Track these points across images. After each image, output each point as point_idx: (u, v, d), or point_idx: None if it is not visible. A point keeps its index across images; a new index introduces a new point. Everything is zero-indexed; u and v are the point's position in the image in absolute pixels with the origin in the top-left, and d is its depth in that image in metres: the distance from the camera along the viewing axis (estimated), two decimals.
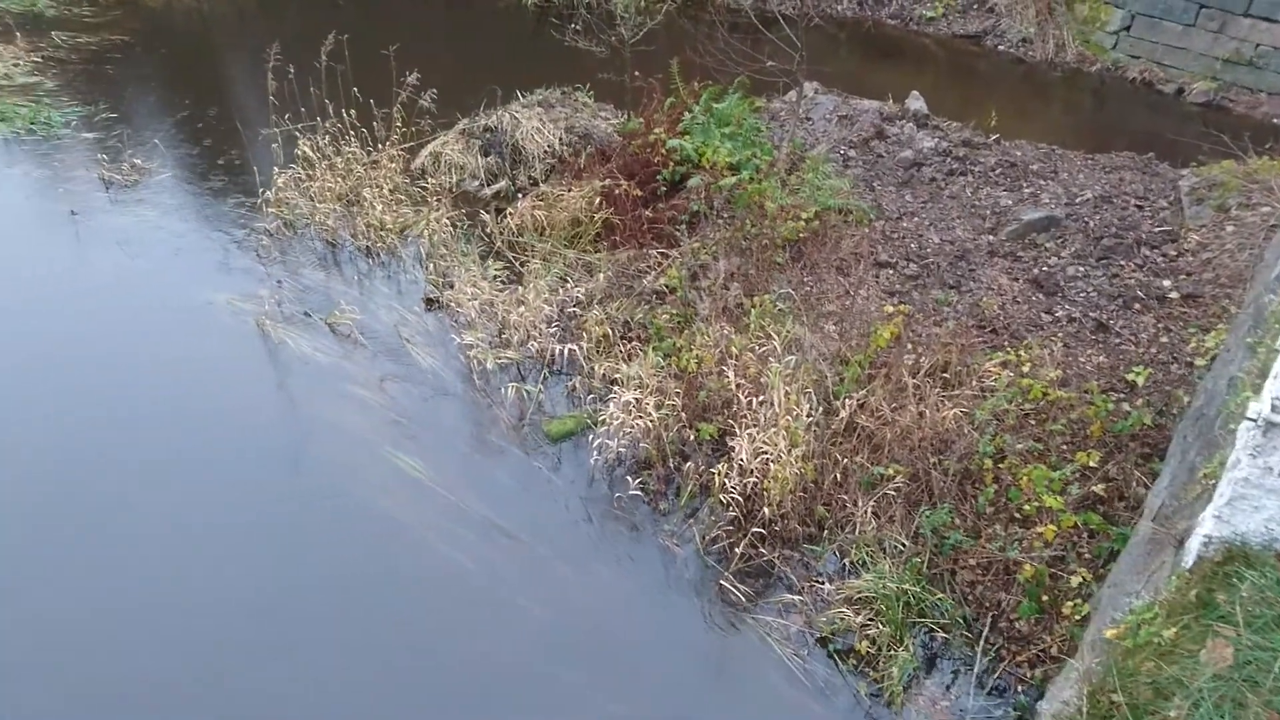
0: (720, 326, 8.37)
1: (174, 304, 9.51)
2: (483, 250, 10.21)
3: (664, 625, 6.84)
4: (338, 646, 6.58)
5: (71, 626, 6.50)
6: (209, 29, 16.05)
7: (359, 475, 7.74)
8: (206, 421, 8.22)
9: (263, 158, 11.36)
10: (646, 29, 12.16)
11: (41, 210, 10.82)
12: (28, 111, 12.59)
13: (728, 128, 10.84)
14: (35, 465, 7.67)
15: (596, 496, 7.74)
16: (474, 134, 11.64)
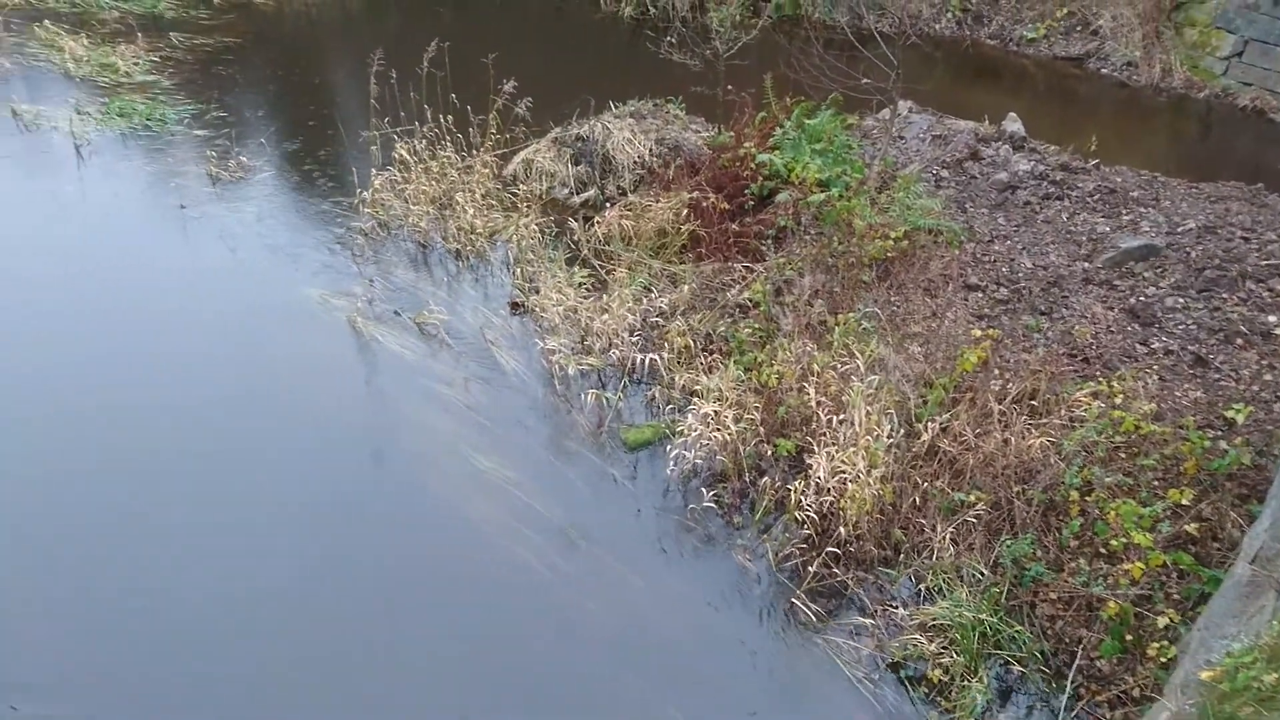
0: (803, 343, 8.33)
1: (270, 297, 9.85)
2: (569, 257, 10.34)
3: (732, 640, 6.81)
4: (403, 639, 6.69)
5: (165, 604, 6.77)
6: (316, 33, 16.60)
7: (438, 472, 7.89)
8: (295, 410, 8.49)
9: (361, 159, 11.70)
10: (741, 43, 12.22)
11: (154, 203, 11.32)
12: (144, 108, 13.19)
13: (819, 144, 10.80)
14: (133, 444, 8.00)
15: (671, 507, 7.76)
16: (566, 142, 11.80)
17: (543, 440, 8.39)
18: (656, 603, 7.05)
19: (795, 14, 16.74)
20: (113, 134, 12.68)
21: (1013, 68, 15.83)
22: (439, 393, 8.77)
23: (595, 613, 6.89)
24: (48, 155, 12.16)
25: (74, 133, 12.51)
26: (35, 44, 14.85)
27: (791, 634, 6.81)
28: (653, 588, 7.14)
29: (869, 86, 10.49)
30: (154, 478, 7.74)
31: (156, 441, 8.04)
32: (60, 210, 11.13)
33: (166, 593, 6.80)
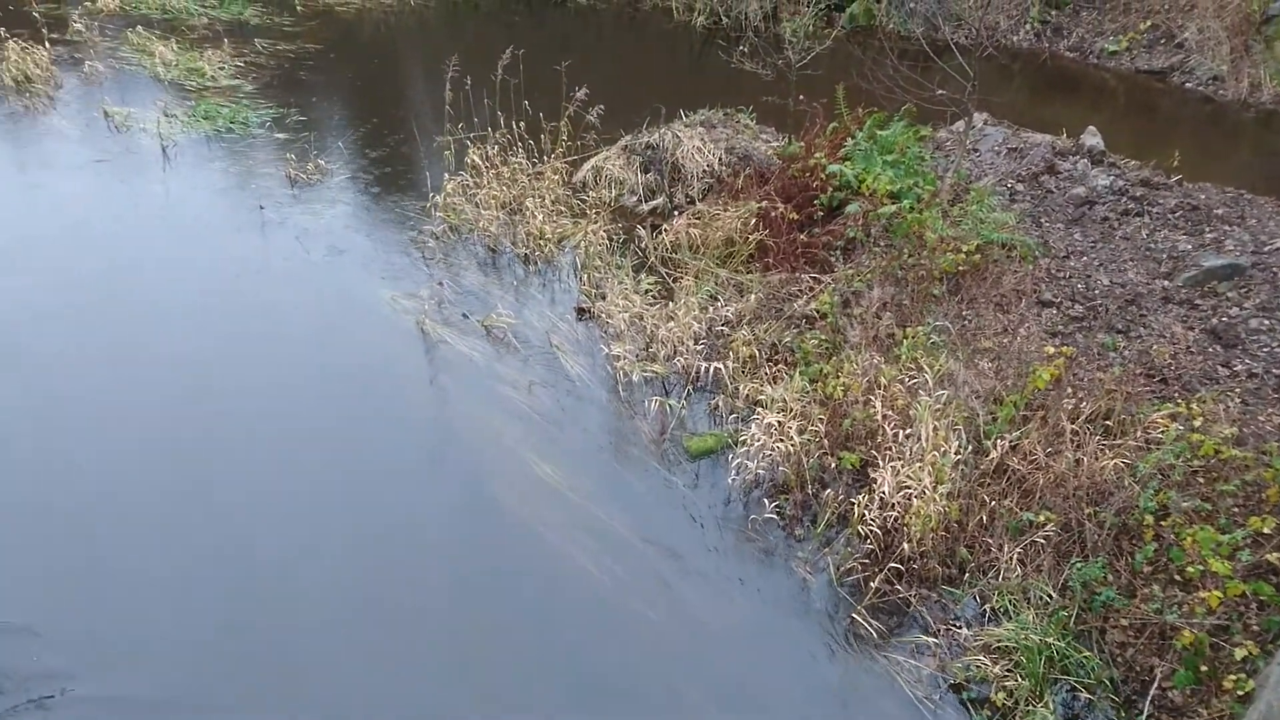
0: (870, 355, 8.24)
1: (342, 297, 10.06)
2: (636, 264, 10.38)
3: (791, 653, 6.74)
4: (459, 638, 6.75)
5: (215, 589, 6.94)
6: (394, 40, 16.94)
7: (500, 474, 7.96)
8: (363, 407, 8.65)
9: (435, 164, 11.90)
10: (813, 54, 12.17)
11: (235, 203, 11.65)
12: (228, 111, 13.59)
13: (890, 155, 10.69)
14: (203, 433, 8.22)
15: (732, 517, 7.73)
16: (636, 150, 11.86)
17: (605, 446, 8.42)
18: (715, 613, 7.01)
19: (869, 24, 16.60)
20: (197, 136, 13.09)
21: (1092, 81, 15.49)
22: (504, 395, 8.86)
23: (653, 620, 6.88)
24: (136, 156, 12.59)
25: (161, 134, 12.95)
26: (127, 48, 15.41)
27: (851, 650, 6.73)
28: (711, 598, 7.10)
29: (943, 98, 10.36)
30: (224, 465, 7.93)
31: (227, 432, 8.26)
32: (147, 208, 11.52)
33: (227, 579, 6.96)
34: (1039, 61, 15.90)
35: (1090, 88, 15.32)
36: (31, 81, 14.17)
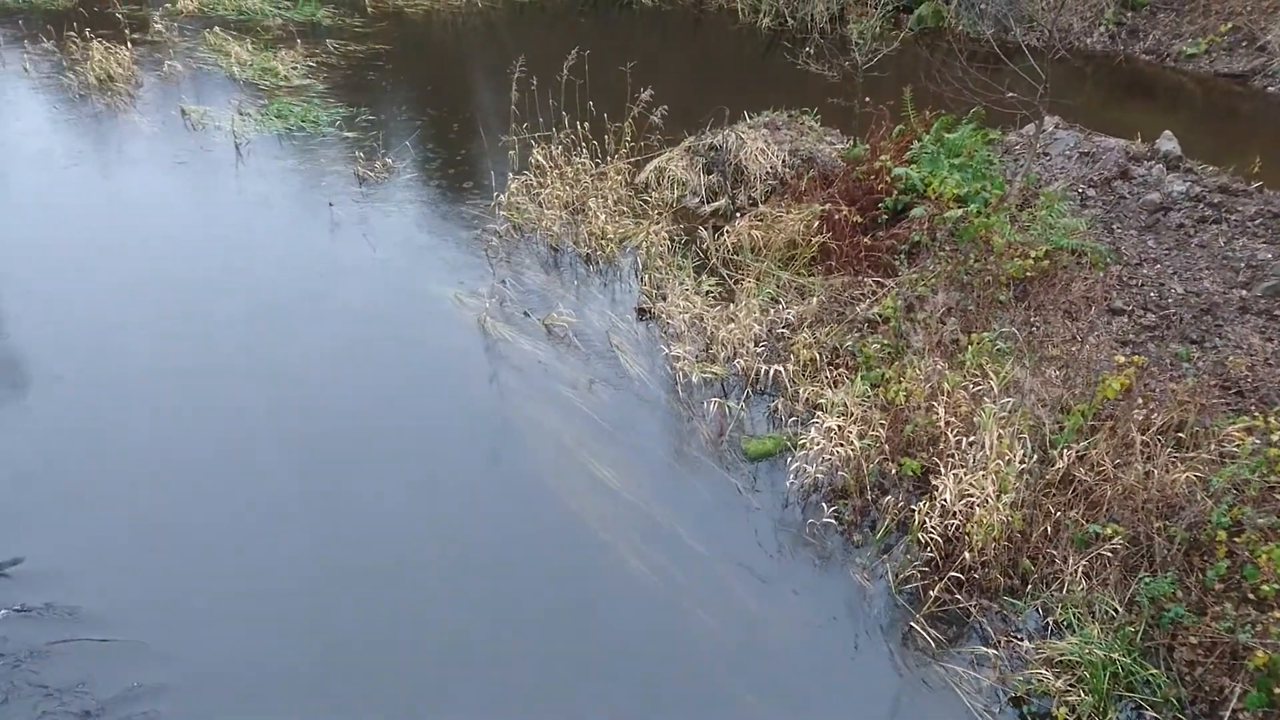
0: (933, 361, 8.13)
1: (406, 293, 10.22)
2: (697, 265, 10.37)
3: (847, 659, 6.68)
4: (512, 632, 6.79)
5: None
6: (461, 41, 17.16)
7: (557, 472, 8.02)
8: (424, 401, 8.79)
9: (499, 163, 12.03)
10: (880, 55, 12.04)
11: (306, 199, 11.91)
12: (300, 110, 13.89)
13: (958, 159, 10.54)
14: (270, 420, 8.42)
15: (789, 520, 7.68)
16: (699, 152, 11.85)
17: (663, 446, 8.42)
18: (770, 616, 6.97)
19: (938, 26, 16.38)
20: (270, 134, 13.39)
21: (1169, 84, 15.10)
22: (563, 393, 8.91)
23: (707, 622, 6.86)
24: (210, 153, 12.93)
25: (235, 132, 13.28)
26: (205, 48, 15.83)
27: (909, 658, 6.64)
28: (767, 601, 7.06)
29: (1014, 101, 10.17)
30: (288, 453, 8.12)
31: (289, 423, 8.45)
32: (222, 204, 11.84)
33: (279, 559, 7.13)
34: (1113, 64, 15.55)
35: (1167, 91, 14.93)
36: (114, 80, 14.63)
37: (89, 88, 14.53)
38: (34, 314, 9.71)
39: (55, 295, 10.03)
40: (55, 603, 6.73)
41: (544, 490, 7.88)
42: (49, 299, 9.96)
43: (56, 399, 8.65)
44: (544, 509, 7.73)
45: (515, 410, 8.77)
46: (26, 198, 11.91)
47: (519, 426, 8.58)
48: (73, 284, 10.21)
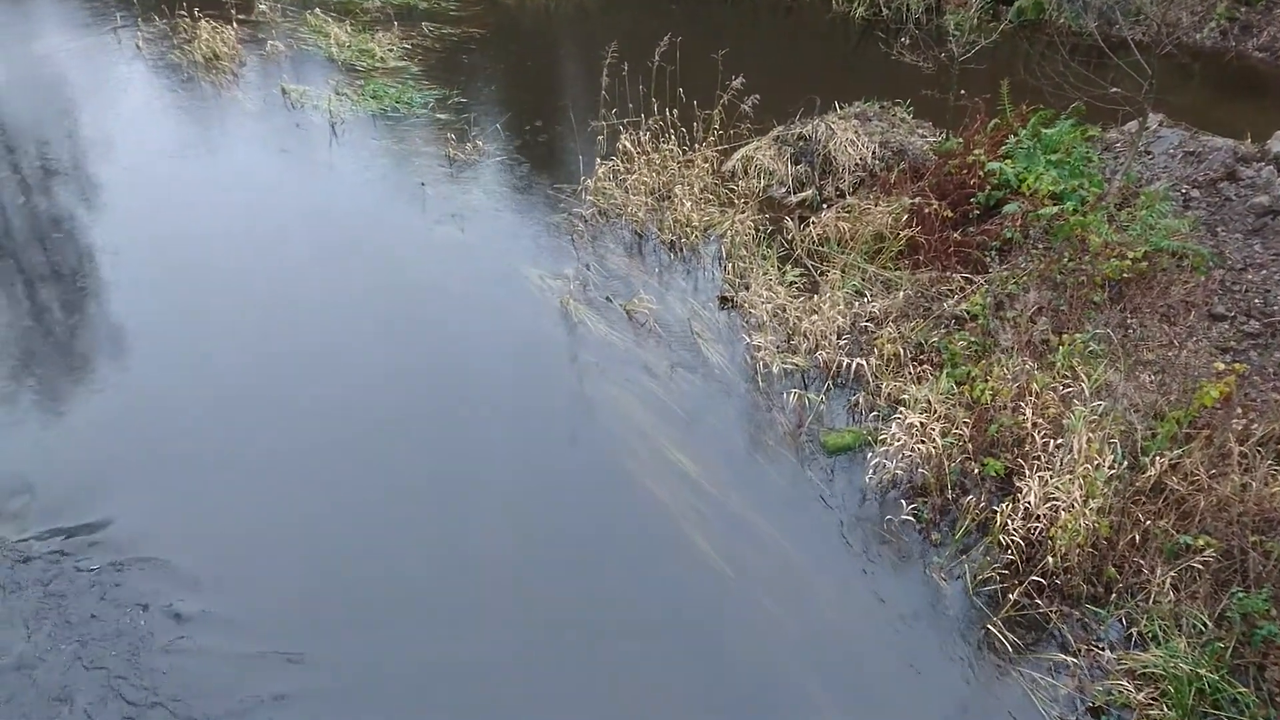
0: (1022, 360, 7.96)
1: (492, 273, 10.37)
2: (782, 256, 10.30)
3: (920, 659, 6.60)
4: (579, 611, 6.88)
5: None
6: (554, 27, 17.28)
7: (633, 454, 8.08)
8: (506, 378, 8.94)
9: (587, 148, 12.11)
10: (978, 47, 11.75)
11: (398, 179, 12.17)
12: (395, 92, 14.17)
13: (1055, 155, 10.27)
14: (357, 394, 8.65)
15: (866, 516, 7.61)
16: (787, 141, 11.76)
17: (740, 435, 8.42)
18: (842, 612, 6.93)
19: (1038, 18, 15.93)
20: (365, 114, 13.69)
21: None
22: (641, 379, 8.95)
23: (776, 613, 6.85)
24: (307, 132, 13.28)
25: (331, 111, 13.60)
26: (306, 29, 16.24)
27: (984, 661, 6.54)
28: (840, 596, 7.02)
29: (1116, 97, 9.86)
30: (377, 424, 8.35)
31: (379, 392, 8.70)
32: (318, 181, 12.17)
33: (368, 534, 7.33)
34: (1223, 61, 14.94)
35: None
36: (219, 59, 15.12)
37: (196, 66, 15.04)
38: (137, 281, 10.15)
39: (154, 264, 10.45)
40: (142, 560, 7.03)
41: (620, 471, 7.95)
42: (149, 267, 10.39)
43: (157, 365, 9.03)
44: (620, 490, 7.81)
45: (595, 392, 8.85)
46: (135, 172, 12.40)
47: (598, 408, 8.66)
48: (172, 254, 10.62)
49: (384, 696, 6.24)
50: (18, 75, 15.07)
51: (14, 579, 6.89)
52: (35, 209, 11.63)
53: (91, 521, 7.32)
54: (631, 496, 7.75)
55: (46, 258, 10.69)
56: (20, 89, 14.66)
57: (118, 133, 13.27)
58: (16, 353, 9.23)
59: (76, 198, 11.79)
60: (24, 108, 14.11)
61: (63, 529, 7.28)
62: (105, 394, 8.75)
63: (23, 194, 11.93)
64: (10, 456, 7.93)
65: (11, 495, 7.57)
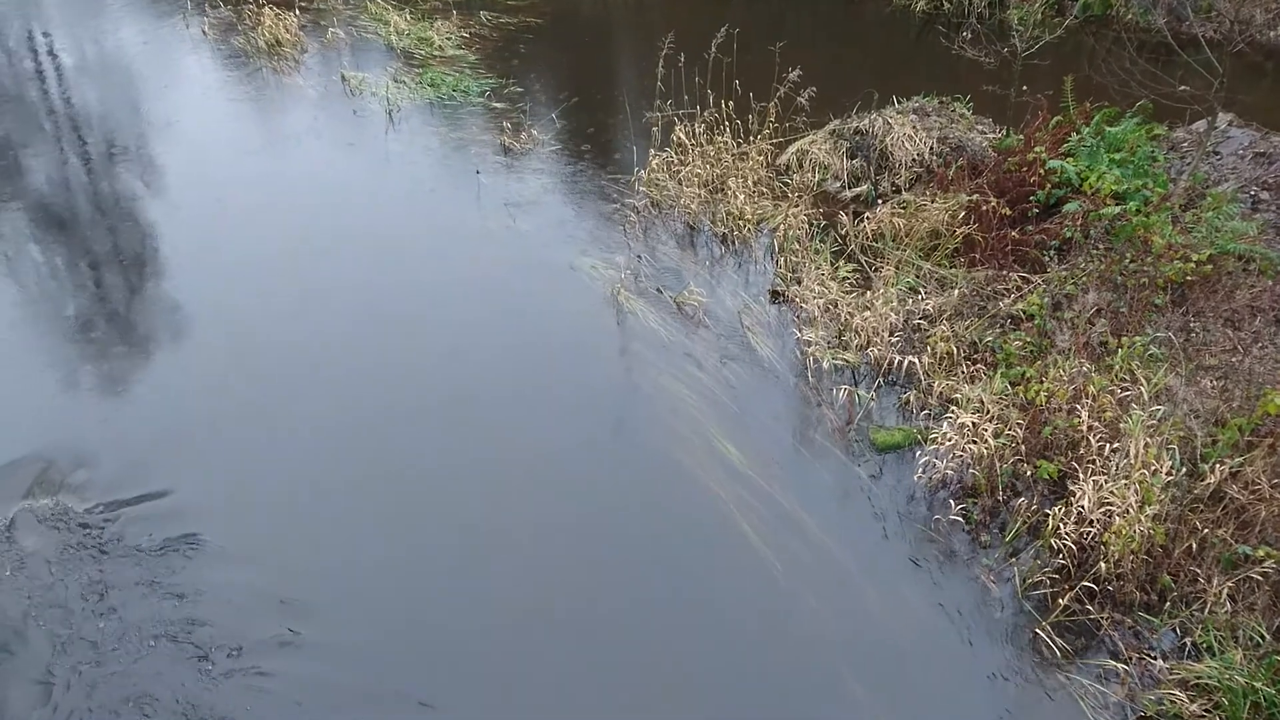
0: (1079, 362, 7.82)
1: (544, 262, 10.43)
2: (835, 251, 10.21)
3: (966, 660, 6.54)
4: (622, 599, 6.92)
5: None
6: (611, 17, 17.27)
7: (682, 444, 8.09)
8: (556, 365, 9.02)
9: (641, 139, 12.10)
10: (1041, 43, 11.55)
11: (453, 166, 12.28)
12: (452, 80, 14.28)
13: (1118, 154, 10.05)
14: (411, 374, 8.77)
15: (914, 515, 7.54)
16: (843, 135, 11.65)
17: (789, 429, 8.38)
18: (887, 610, 6.87)
19: (1104, 14, 15.58)
20: (421, 102, 13.81)
21: None
22: (690, 370, 8.95)
23: (819, 608, 6.82)
24: (365, 118, 13.44)
25: (389, 99, 13.75)
26: (366, 17, 16.42)
27: (1032, 666, 6.46)
28: (885, 594, 6.97)
29: (1184, 95, 9.61)
30: (425, 406, 8.46)
31: (431, 375, 8.83)
32: (375, 167, 12.33)
33: (414, 513, 7.42)
34: None
35: None
36: (281, 45, 15.35)
37: (259, 52, 15.29)
38: (197, 261, 10.38)
39: (214, 245, 10.69)
40: (196, 533, 7.20)
41: (667, 457, 7.98)
42: (209, 248, 10.63)
43: (213, 343, 9.23)
44: (667, 475, 7.83)
45: (644, 381, 8.86)
46: (197, 155, 12.66)
47: (647, 397, 8.68)
48: (232, 235, 10.84)
49: (434, 683, 6.32)
50: (90, 61, 15.45)
51: (76, 547, 7.10)
52: (100, 190, 11.93)
53: (149, 494, 7.51)
54: (680, 485, 7.77)
55: (109, 237, 10.97)
56: (91, 74, 15.05)
57: (182, 117, 13.55)
58: (79, 328, 9.48)
59: (139, 180, 12.07)
60: (94, 93, 14.48)
61: (122, 501, 7.48)
62: (163, 370, 8.98)
63: (89, 175, 12.25)
64: (74, 430, 8.16)
65: (75, 468, 7.79)
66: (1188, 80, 9.63)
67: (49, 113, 13.87)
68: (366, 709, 6.13)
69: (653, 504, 7.69)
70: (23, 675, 6.24)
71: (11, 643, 6.44)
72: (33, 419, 8.26)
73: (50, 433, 8.09)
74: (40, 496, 7.52)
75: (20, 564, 6.96)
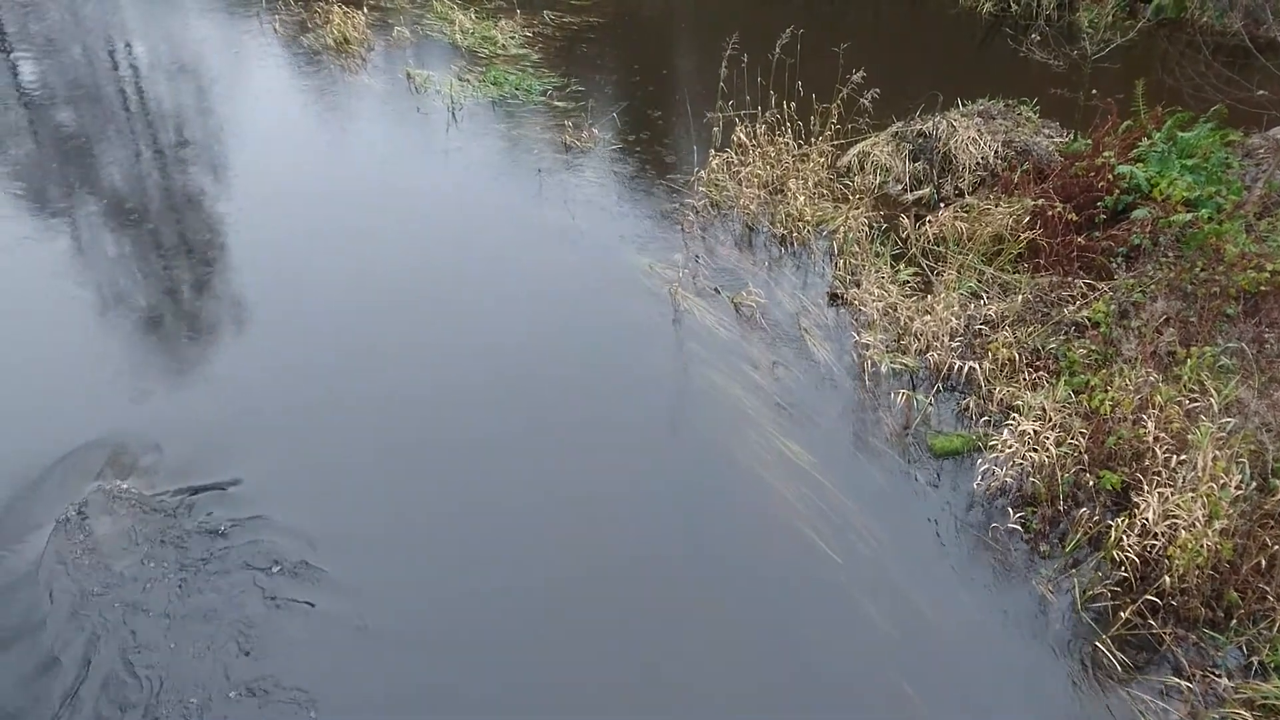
0: (1145, 371, 7.65)
1: (601, 258, 10.49)
2: (895, 254, 10.13)
3: (1021, 669, 6.44)
4: (681, 593, 6.92)
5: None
6: (674, 16, 17.33)
7: (740, 442, 8.07)
8: (612, 362, 9.08)
9: (702, 139, 12.12)
10: (1112, 46, 11.35)
11: (514, 164, 12.40)
12: (514, 78, 14.42)
13: (1191, 160, 9.83)
14: (468, 366, 8.86)
15: (971, 522, 7.45)
16: (906, 138, 11.55)
17: (845, 432, 8.33)
18: (942, 615, 6.79)
19: (1178, 16, 15.23)
20: (484, 100, 13.98)
21: None
22: (747, 371, 8.93)
23: (871, 611, 6.75)
24: (429, 116, 13.64)
25: (452, 96, 13.93)
26: (431, 16, 16.67)
27: (1090, 679, 6.34)
28: (939, 599, 6.88)
29: (1262, 100, 9.38)
30: (482, 400, 8.54)
31: (489, 361, 8.94)
32: (438, 163, 12.51)
33: (472, 504, 7.51)
34: None
35: None
36: (349, 43, 15.64)
37: (327, 49, 15.59)
38: (264, 252, 10.62)
39: (281, 236, 10.93)
40: (261, 519, 7.35)
41: (726, 454, 7.98)
42: (276, 239, 10.87)
43: (277, 332, 9.43)
44: (724, 473, 7.83)
45: (699, 378, 8.87)
46: (266, 149, 12.94)
47: (702, 393, 8.68)
48: (297, 226, 11.08)
49: (494, 677, 6.40)
50: (163, 56, 15.89)
51: (144, 531, 7.30)
52: (171, 182, 12.25)
53: (216, 480, 7.69)
54: (737, 479, 7.77)
55: (179, 227, 11.25)
56: (165, 69, 15.46)
57: (250, 111, 13.87)
58: (149, 315, 9.74)
59: (208, 172, 12.38)
60: (167, 87, 14.88)
61: (189, 486, 7.65)
62: (229, 359, 9.19)
63: (161, 168, 12.58)
64: (143, 415, 8.39)
65: (144, 452, 8.00)
66: (1265, 85, 9.41)
67: (124, 107, 14.28)
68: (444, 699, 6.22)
69: (704, 496, 7.69)
70: (94, 653, 6.43)
71: (80, 621, 6.64)
72: (106, 403, 8.50)
73: (121, 417, 8.33)
74: (111, 479, 7.73)
75: (91, 543, 7.17)
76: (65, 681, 6.20)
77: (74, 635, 6.48)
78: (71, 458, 7.83)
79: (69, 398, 8.54)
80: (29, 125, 13.55)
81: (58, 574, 6.89)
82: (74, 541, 7.15)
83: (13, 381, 8.76)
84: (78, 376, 8.82)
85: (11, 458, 7.75)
